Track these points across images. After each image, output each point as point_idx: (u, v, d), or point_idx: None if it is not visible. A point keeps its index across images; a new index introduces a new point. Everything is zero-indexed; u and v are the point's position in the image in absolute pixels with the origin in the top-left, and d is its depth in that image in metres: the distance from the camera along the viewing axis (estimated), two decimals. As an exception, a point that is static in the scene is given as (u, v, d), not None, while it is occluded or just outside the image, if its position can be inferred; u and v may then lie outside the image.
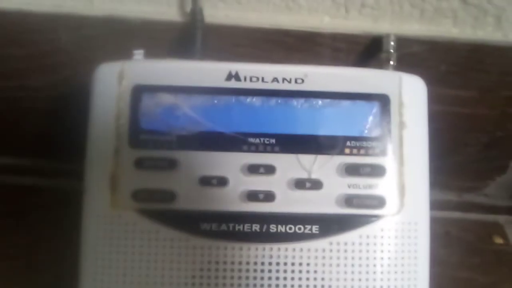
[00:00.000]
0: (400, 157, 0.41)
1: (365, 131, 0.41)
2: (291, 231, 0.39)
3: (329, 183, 0.40)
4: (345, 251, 0.39)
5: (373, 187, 0.40)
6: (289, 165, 0.40)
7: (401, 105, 0.41)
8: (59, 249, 0.51)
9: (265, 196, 0.39)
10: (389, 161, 0.41)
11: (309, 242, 0.39)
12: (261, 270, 0.39)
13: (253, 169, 0.40)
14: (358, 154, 0.40)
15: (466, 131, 0.58)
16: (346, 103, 0.41)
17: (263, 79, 0.41)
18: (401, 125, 0.41)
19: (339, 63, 0.52)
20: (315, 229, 0.39)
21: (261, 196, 0.39)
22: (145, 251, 0.38)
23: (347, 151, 0.40)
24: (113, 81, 0.40)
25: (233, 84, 0.41)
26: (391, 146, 0.41)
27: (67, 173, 0.45)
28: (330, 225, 0.39)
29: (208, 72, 0.41)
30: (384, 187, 0.40)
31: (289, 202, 0.40)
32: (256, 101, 0.41)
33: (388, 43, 0.48)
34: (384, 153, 0.41)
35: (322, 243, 0.39)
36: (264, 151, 0.40)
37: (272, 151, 0.40)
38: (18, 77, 0.55)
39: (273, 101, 0.41)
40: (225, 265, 0.39)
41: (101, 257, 0.39)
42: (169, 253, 0.38)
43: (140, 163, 0.39)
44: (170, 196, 0.39)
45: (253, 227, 0.39)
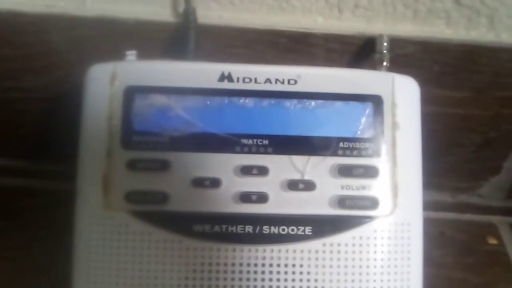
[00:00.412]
0: (393, 158, 0.41)
1: (358, 132, 0.41)
2: (284, 232, 0.39)
3: (322, 184, 0.40)
4: (338, 252, 0.39)
5: (366, 188, 0.40)
6: (282, 166, 0.40)
7: (394, 105, 0.41)
8: (54, 250, 0.51)
9: (258, 198, 0.39)
10: (382, 162, 0.41)
11: (302, 243, 0.39)
12: (254, 272, 0.39)
13: (246, 170, 0.40)
14: (351, 155, 0.40)
15: (459, 131, 0.58)
16: (339, 104, 0.41)
17: (256, 80, 0.41)
18: (394, 125, 0.41)
19: (332, 64, 0.52)
20: (308, 230, 0.39)
21: (254, 197, 0.39)
22: (138, 252, 0.38)
23: (340, 152, 0.40)
24: (105, 82, 0.40)
25: (225, 85, 0.41)
26: (384, 147, 0.41)
27: (61, 174, 0.45)
28: (323, 226, 0.39)
29: (200, 73, 0.41)
30: (377, 188, 0.40)
31: (282, 203, 0.40)
32: (249, 102, 0.41)
33: (381, 44, 0.48)
34: (377, 154, 0.41)
35: (315, 244, 0.39)
36: (257, 152, 0.40)
37: (265, 152, 0.40)
38: (11, 78, 0.55)
39: (266, 102, 0.41)
40: (218, 266, 0.38)
41: (94, 259, 0.39)
42: (162, 254, 0.38)
43: (132, 165, 0.39)
44: (163, 197, 0.39)
45: (246, 228, 0.39)
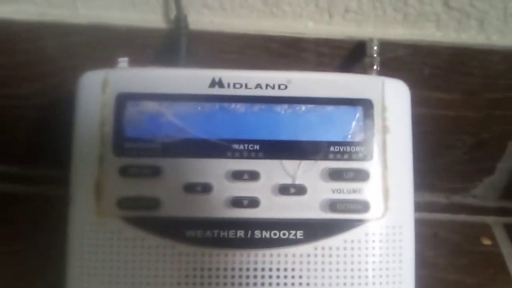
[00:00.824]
0: (383, 161, 0.41)
1: (349, 136, 0.41)
2: (276, 236, 0.39)
3: (313, 188, 0.40)
4: (329, 255, 0.39)
5: (357, 191, 0.40)
6: (273, 171, 0.40)
7: (384, 109, 0.42)
8: (47, 256, 0.51)
9: (250, 202, 0.40)
10: (372, 166, 0.41)
11: (293, 247, 0.39)
12: (246, 276, 0.39)
13: (237, 176, 0.40)
14: (341, 159, 0.41)
15: (451, 133, 0.58)
16: (330, 108, 0.41)
17: (246, 86, 0.41)
18: (385, 129, 0.41)
19: (323, 68, 0.52)
20: (299, 234, 0.39)
21: (245, 202, 0.40)
22: (130, 258, 0.39)
23: (331, 156, 0.41)
24: (97, 89, 0.41)
25: (216, 91, 0.41)
26: (374, 150, 0.41)
27: (56, 180, 0.45)
28: (315, 230, 0.40)
29: (191, 79, 0.41)
30: (368, 191, 0.40)
31: (273, 207, 0.40)
32: (239, 107, 0.41)
33: (371, 48, 0.48)
34: (367, 157, 0.41)
35: (306, 248, 0.39)
36: (248, 157, 0.40)
37: (256, 157, 0.40)
38: (6, 85, 0.55)
39: (256, 107, 0.41)
40: (210, 271, 0.39)
41: (87, 265, 0.39)
42: (154, 260, 0.39)
43: (124, 171, 0.40)
44: (155, 203, 0.39)
45: (237, 233, 0.39)
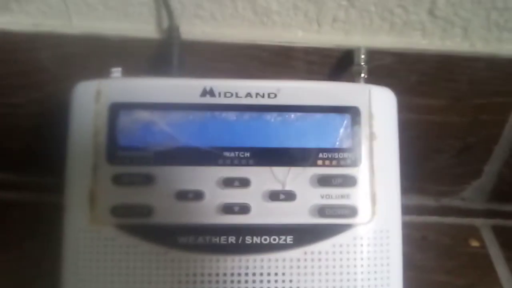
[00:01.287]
0: (371, 167, 0.42)
1: (337, 143, 0.42)
2: (266, 242, 0.40)
3: (302, 194, 0.41)
4: (319, 260, 0.40)
5: (345, 197, 0.41)
6: (264, 178, 0.41)
7: (371, 116, 0.42)
8: (42, 263, 0.51)
9: (241, 209, 0.40)
10: (360, 172, 0.42)
11: (284, 252, 0.40)
12: (238, 281, 0.40)
13: (228, 183, 0.41)
14: (330, 165, 0.41)
15: (439, 137, 0.59)
16: (318, 116, 0.42)
17: (237, 95, 0.42)
18: (371, 136, 0.42)
19: (313, 76, 0.53)
20: (289, 239, 0.40)
21: (236, 208, 0.40)
22: (124, 265, 0.39)
23: (320, 162, 0.41)
24: (90, 99, 0.41)
25: (208, 100, 0.42)
26: (362, 156, 0.42)
27: (52, 187, 0.46)
28: (304, 235, 0.40)
29: (183, 88, 0.42)
30: (356, 196, 0.41)
31: (264, 213, 0.41)
32: (230, 116, 0.42)
33: (359, 56, 0.49)
34: (355, 163, 0.42)
35: (296, 253, 0.40)
36: (239, 164, 0.41)
37: (247, 164, 0.41)
38: (1, 94, 0.56)
39: (247, 115, 0.42)
40: (203, 277, 0.39)
41: (81, 272, 0.40)
42: (148, 266, 0.39)
43: (118, 179, 0.40)
44: (148, 210, 0.40)
45: (229, 239, 0.40)
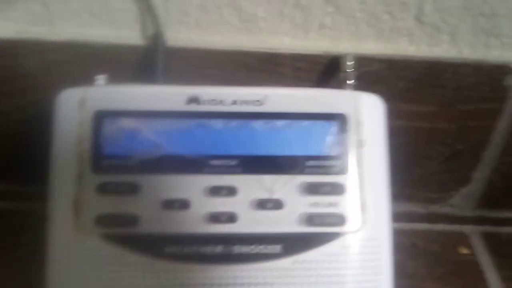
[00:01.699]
0: (359, 175, 0.41)
1: (325, 151, 0.41)
2: (254, 251, 0.40)
3: (290, 202, 0.40)
4: (308, 269, 0.40)
5: (333, 205, 0.41)
6: (251, 186, 0.40)
7: (359, 123, 0.42)
8: (28, 273, 0.50)
9: (228, 218, 0.40)
10: (348, 179, 0.41)
11: (272, 261, 0.39)
12: (226, 291, 0.39)
13: (215, 191, 0.40)
14: (318, 173, 0.41)
15: (427, 144, 0.59)
16: (305, 123, 0.42)
17: (223, 102, 0.41)
18: (360, 143, 0.42)
19: (300, 83, 0.52)
20: (277, 248, 0.40)
21: (223, 217, 0.40)
22: (109, 276, 0.39)
23: (307, 170, 0.41)
24: (74, 107, 0.41)
25: (193, 107, 0.41)
26: (350, 164, 0.41)
27: (36, 196, 0.45)
28: (293, 244, 0.40)
29: (168, 96, 0.41)
30: (345, 204, 0.41)
31: (251, 222, 0.40)
32: (217, 123, 0.41)
33: (346, 63, 0.49)
34: (343, 171, 0.41)
35: (285, 262, 0.40)
36: (226, 172, 0.40)
37: (234, 173, 0.41)
38: (-17, 101, 0.55)
39: (233, 123, 0.41)
40: (190, 287, 0.39)
41: (66, 282, 0.39)
42: (133, 277, 0.39)
43: (102, 188, 0.40)
44: (133, 220, 0.39)
45: (216, 248, 0.39)
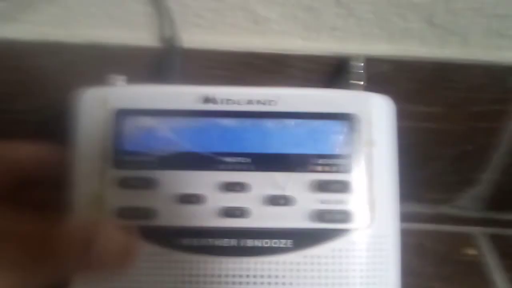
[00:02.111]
0: (369, 174, 0.42)
1: (336, 149, 0.42)
2: (267, 245, 0.41)
3: (301, 199, 0.41)
4: (318, 264, 0.41)
5: (343, 202, 0.42)
6: (264, 183, 0.42)
7: (369, 124, 0.43)
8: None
9: (241, 212, 0.41)
10: (359, 178, 0.42)
11: (283, 255, 0.40)
12: (239, 283, 0.40)
13: (229, 187, 0.41)
14: (329, 171, 0.42)
15: (436, 145, 0.60)
16: (317, 122, 0.43)
17: (238, 102, 0.42)
18: (370, 143, 0.43)
19: (310, 84, 0.53)
20: (289, 243, 0.41)
21: (237, 212, 0.41)
22: (129, 265, 0.40)
23: (319, 168, 0.42)
24: (97, 106, 0.42)
25: (209, 106, 0.42)
26: (360, 163, 0.42)
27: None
28: (303, 239, 0.41)
29: (186, 95, 0.42)
30: (355, 202, 0.42)
31: (263, 217, 0.41)
32: (231, 122, 0.42)
33: (357, 64, 0.50)
34: (353, 170, 0.42)
35: (296, 256, 0.41)
36: (240, 169, 0.42)
37: (247, 170, 0.42)
38: (4, 101, 0.56)
39: (247, 122, 0.42)
40: (205, 277, 0.40)
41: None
42: (152, 267, 0.40)
43: (123, 183, 0.41)
44: (152, 213, 0.40)
45: (230, 241, 0.40)
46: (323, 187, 0.42)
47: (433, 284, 0.58)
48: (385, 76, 0.53)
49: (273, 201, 0.41)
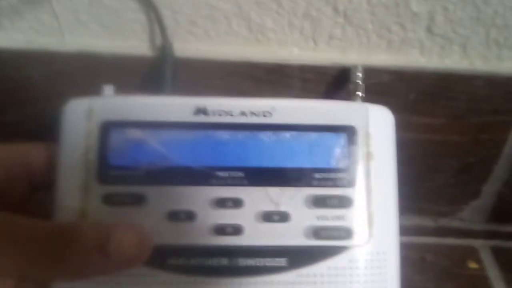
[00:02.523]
0: (367, 188, 0.41)
1: (333, 163, 0.41)
2: (260, 264, 0.39)
3: (297, 215, 0.40)
4: (314, 283, 0.39)
5: (340, 218, 0.40)
6: (257, 198, 0.40)
7: (368, 136, 0.42)
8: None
9: (233, 230, 0.39)
10: (356, 192, 0.41)
11: (277, 275, 0.39)
12: (231, 305, 0.39)
13: (221, 203, 0.40)
14: (325, 186, 0.41)
15: (438, 157, 0.59)
16: (314, 135, 0.41)
17: (231, 113, 0.41)
18: (368, 155, 0.41)
19: (308, 94, 0.52)
20: (283, 261, 0.39)
21: (229, 229, 0.39)
22: (114, 287, 0.38)
23: (315, 182, 0.41)
24: (81, 117, 0.40)
25: (201, 118, 0.41)
26: (358, 177, 0.41)
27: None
28: (299, 257, 0.39)
29: (176, 107, 0.41)
30: (352, 218, 0.40)
31: (257, 235, 0.40)
32: (224, 135, 0.41)
33: (356, 74, 0.49)
34: (351, 184, 0.41)
35: (290, 275, 0.39)
36: (232, 184, 0.40)
37: (240, 184, 0.40)
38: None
39: (241, 134, 0.41)
40: (194, 300, 0.39)
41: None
42: (138, 289, 0.38)
43: (108, 199, 0.39)
44: (139, 231, 0.39)
45: (221, 261, 0.39)
46: (319, 202, 0.40)
47: (435, 299, 0.57)
48: (385, 86, 0.52)
49: (267, 217, 0.40)
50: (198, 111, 0.41)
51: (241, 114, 0.41)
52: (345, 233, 0.40)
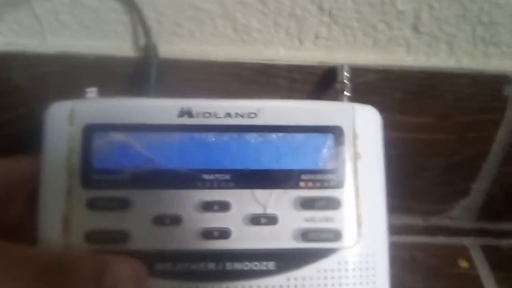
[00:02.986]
0: (355, 188, 0.41)
1: (320, 164, 0.40)
2: (247, 268, 0.39)
3: (285, 217, 0.40)
4: (302, 286, 0.39)
5: (329, 220, 0.40)
6: (244, 201, 0.39)
7: (354, 136, 0.41)
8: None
9: (220, 233, 0.39)
10: (344, 193, 0.40)
11: (266, 278, 0.39)
12: (219, 309, 0.38)
13: (208, 206, 0.39)
14: (313, 187, 0.40)
15: (425, 156, 0.59)
16: (300, 136, 0.41)
17: (216, 115, 0.40)
18: (356, 156, 0.41)
19: (295, 94, 0.52)
20: (271, 265, 0.39)
21: (216, 233, 0.39)
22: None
23: (302, 184, 0.40)
24: (64, 121, 0.40)
25: (185, 120, 0.40)
26: (346, 177, 0.41)
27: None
28: (287, 260, 0.39)
29: (160, 109, 0.40)
30: (340, 219, 0.40)
31: (244, 238, 0.39)
32: (209, 137, 0.40)
33: (342, 73, 0.48)
34: (339, 185, 0.40)
35: (279, 279, 0.39)
36: (219, 187, 0.39)
37: (227, 187, 0.40)
38: (-27, 115, 0.54)
39: (226, 136, 0.40)
40: (182, 305, 0.38)
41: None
42: (124, 295, 0.38)
43: (92, 204, 0.39)
44: (124, 236, 0.38)
45: (208, 265, 0.38)
46: (307, 204, 0.40)
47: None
48: (372, 85, 0.52)
49: (255, 220, 0.39)
50: (182, 113, 0.40)
51: (226, 115, 0.41)
52: (334, 235, 0.40)
